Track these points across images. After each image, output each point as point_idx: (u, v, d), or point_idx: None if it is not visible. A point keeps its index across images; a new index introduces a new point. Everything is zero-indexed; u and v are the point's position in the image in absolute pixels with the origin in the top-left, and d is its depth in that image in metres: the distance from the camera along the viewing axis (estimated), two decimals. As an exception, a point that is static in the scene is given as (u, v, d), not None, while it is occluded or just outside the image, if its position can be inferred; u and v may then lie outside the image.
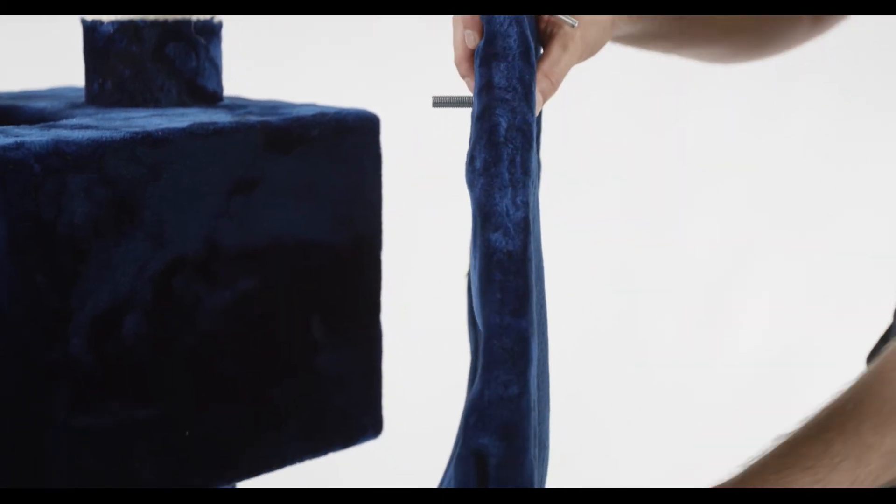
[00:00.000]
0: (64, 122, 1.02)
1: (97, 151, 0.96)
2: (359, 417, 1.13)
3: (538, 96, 0.94)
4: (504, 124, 0.90)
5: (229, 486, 1.08)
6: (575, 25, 0.96)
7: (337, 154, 1.08)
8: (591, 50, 0.98)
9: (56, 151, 0.94)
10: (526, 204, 0.89)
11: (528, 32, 0.93)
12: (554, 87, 0.96)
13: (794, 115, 2.47)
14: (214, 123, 1.02)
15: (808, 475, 0.95)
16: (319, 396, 1.10)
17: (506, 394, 0.85)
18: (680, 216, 2.48)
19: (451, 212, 2.17)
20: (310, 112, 1.08)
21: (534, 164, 0.95)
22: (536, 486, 0.86)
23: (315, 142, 1.07)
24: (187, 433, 1.02)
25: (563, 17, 0.96)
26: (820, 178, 2.50)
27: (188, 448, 1.03)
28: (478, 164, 0.90)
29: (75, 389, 0.96)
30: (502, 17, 0.92)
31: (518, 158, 0.90)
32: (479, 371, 0.87)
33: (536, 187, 0.99)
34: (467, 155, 0.91)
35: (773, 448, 0.97)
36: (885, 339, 1.23)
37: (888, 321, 1.24)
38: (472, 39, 0.94)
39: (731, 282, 2.51)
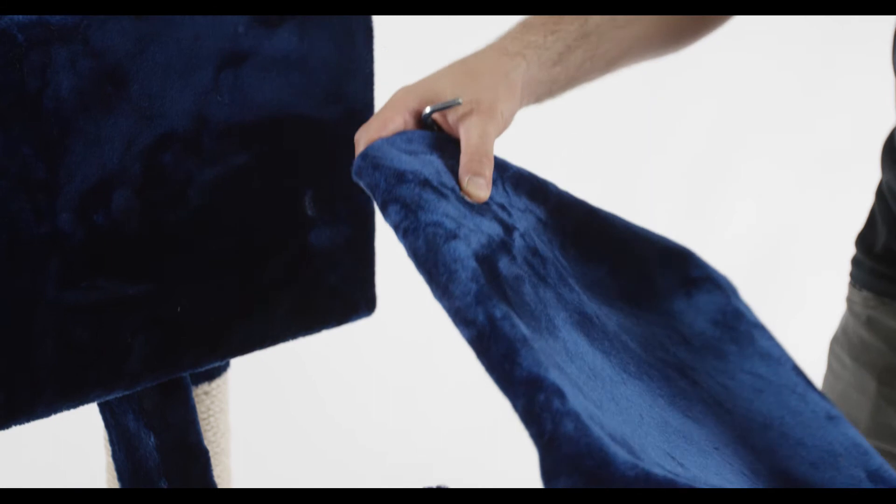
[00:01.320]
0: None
1: (82, 22, 0.93)
2: (352, 295, 1.12)
3: (480, 179, 0.93)
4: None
5: (221, 363, 1.07)
6: (461, 101, 0.96)
7: (328, 27, 1.06)
8: (507, 123, 0.99)
9: (40, 22, 0.92)
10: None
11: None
12: (490, 158, 0.95)
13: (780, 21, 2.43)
14: (202, -6, 0.99)
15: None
16: (312, 273, 1.09)
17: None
18: (668, 127, 2.46)
19: (444, 28, 2.14)
20: (300, -16, 1.06)
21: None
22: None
23: (305, 15, 1.05)
24: (178, 309, 1.02)
25: (445, 103, 0.96)
26: (804, 84, 2.48)
27: (179, 324, 1.02)
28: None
29: (65, 265, 0.95)
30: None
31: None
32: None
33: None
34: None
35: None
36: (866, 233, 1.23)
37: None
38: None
39: (716, 185, 2.50)
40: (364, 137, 0.94)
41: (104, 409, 1.10)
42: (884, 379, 1.20)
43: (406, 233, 0.86)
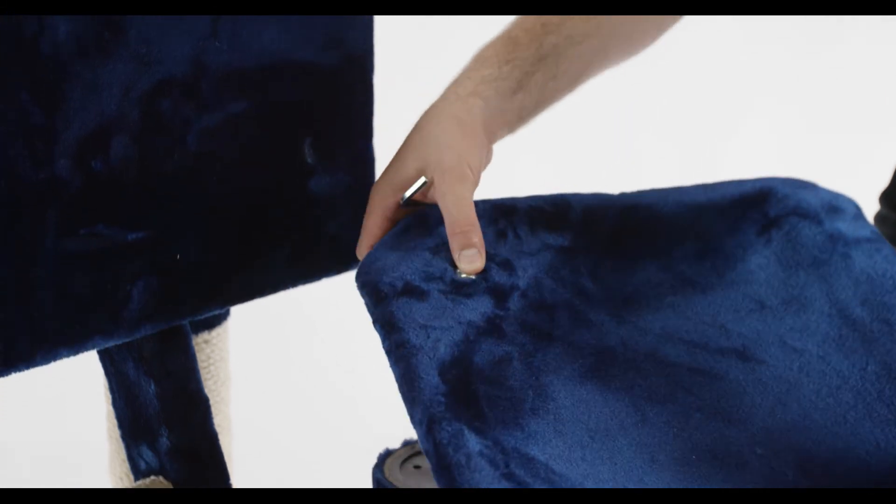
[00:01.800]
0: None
1: (79, -34, 0.92)
2: (352, 242, 1.10)
3: (470, 251, 0.96)
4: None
5: (221, 310, 1.07)
6: (425, 180, 0.98)
7: (327, -28, 1.05)
8: (479, 174, 1.00)
9: (36, -34, 0.91)
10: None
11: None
12: (472, 223, 0.97)
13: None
14: (200, -62, 0.98)
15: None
16: (311, 221, 1.08)
17: None
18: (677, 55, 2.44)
19: (445, 27, 2.13)
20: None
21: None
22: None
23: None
24: (178, 257, 1.01)
25: (412, 190, 0.98)
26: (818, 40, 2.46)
27: (179, 271, 1.02)
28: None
29: (63, 212, 0.94)
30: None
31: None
32: None
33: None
34: None
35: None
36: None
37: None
38: None
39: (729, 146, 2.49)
40: (360, 254, 0.99)
41: (104, 357, 1.10)
42: None
43: (388, 355, 0.91)
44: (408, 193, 0.99)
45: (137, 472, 1.12)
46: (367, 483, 1.02)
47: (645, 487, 0.85)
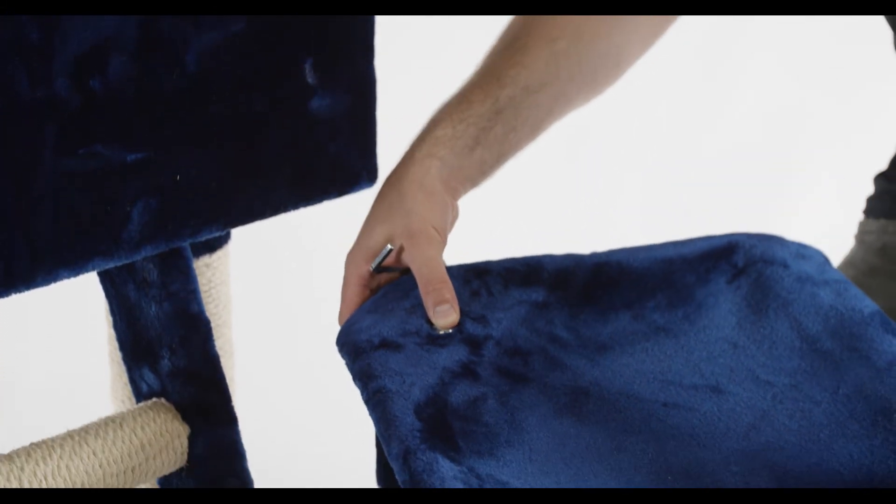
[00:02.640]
0: None
1: None
2: (353, 164, 1.10)
3: (444, 306, 1.00)
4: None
5: (221, 232, 1.06)
6: (391, 248, 1.03)
7: None
8: (445, 234, 1.04)
9: None
10: None
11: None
12: (443, 280, 1.01)
13: None
14: None
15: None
16: (312, 142, 1.07)
17: None
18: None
19: (446, 27, 2.11)
20: None
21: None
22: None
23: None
24: (178, 177, 1.00)
25: (379, 257, 1.03)
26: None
27: (179, 192, 1.01)
28: None
29: (61, 131, 0.93)
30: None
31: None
32: None
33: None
34: None
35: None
36: None
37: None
38: None
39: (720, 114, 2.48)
40: (341, 322, 1.04)
41: (104, 279, 1.10)
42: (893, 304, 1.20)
43: (367, 404, 0.96)
44: (375, 262, 1.04)
45: (139, 395, 1.12)
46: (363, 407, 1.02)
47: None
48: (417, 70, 2.07)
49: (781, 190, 2.46)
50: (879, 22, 1.26)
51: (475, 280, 1.05)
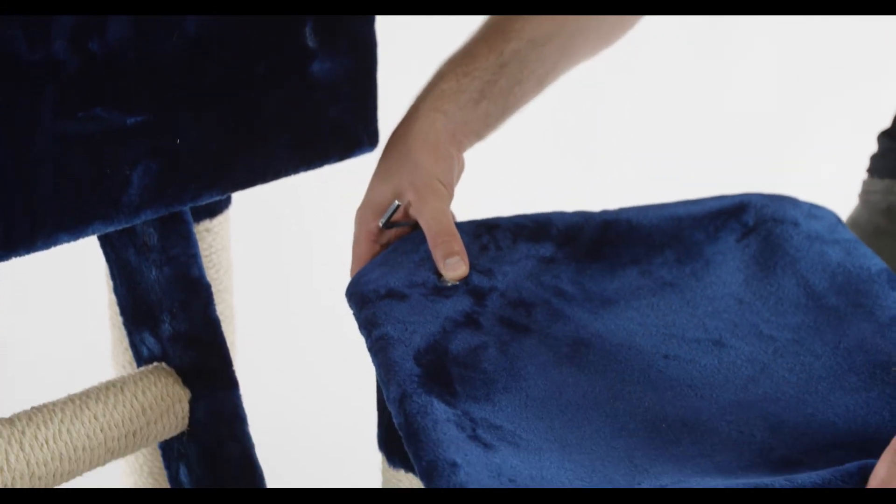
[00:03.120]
0: None
1: None
2: (353, 128, 1.09)
3: (453, 258, 1.00)
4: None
5: (224, 197, 1.05)
6: (398, 203, 1.03)
7: None
8: (451, 186, 1.04)
9: None
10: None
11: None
12: (451, 233, 1.00)
13: None
14: None
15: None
16: (313, 106, 1.06)
17: None
18: None
19: (450, 26, 2.10)
20: None
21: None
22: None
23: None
24: (178, 141, 0.99)
25: (387, 213, 1.04)
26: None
27: (179, 156, 1.00)
28: None
29: (61, 94, 0.93)
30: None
31: None
32: None
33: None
34: None
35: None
36: None
37: None
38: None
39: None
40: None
41: (104, 243, 1.09)
42: None
43: (370, 351, 0.96)
44: (384, 218, 1.04)
45: (140, 359, 1.12)
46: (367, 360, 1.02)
47: (613, 450, 0.88)
48: (418, 33, 2.06)
49: (783, 151, 2.46)
50: None
51: (485, 234, 1.04)
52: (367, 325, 0.97)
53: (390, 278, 1.00)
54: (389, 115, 1.11)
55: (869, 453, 0.84)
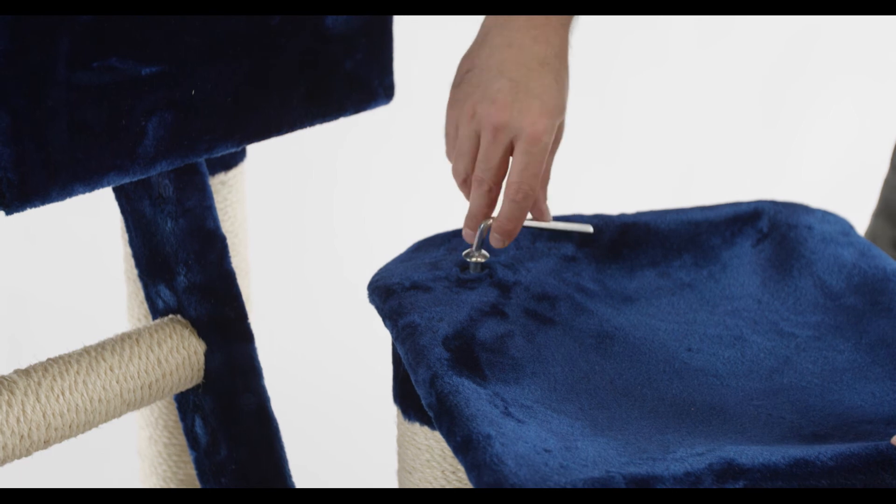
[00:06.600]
0: None
1: None
2: (369, 80, 1.07)
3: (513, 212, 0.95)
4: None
5: (239, 149, 1.03)
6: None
7: None
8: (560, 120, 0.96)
9: None
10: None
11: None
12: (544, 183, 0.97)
13: None
14: None
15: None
16: (328, 58, 1.04)
17: None
18: None
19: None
20: None
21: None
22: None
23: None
24: (193, 92, 0.97)
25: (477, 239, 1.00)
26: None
27: (194, 107, 0.98)
28: None
29: (75, 44, 0.90)
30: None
31: None
32: None
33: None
34: None
35: None
36: None
37: None
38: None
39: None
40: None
41: (120, 195, 1.07)
42: None
43: (396, 341, 0.96)
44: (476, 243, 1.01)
45: (156, 312, 1.10)
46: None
47: (644, 428, 0.89)
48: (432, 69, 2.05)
49: (791, 158, 2.44)
50: None
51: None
52: (393, 315, 0.97)
53: (413, 273, 1.00)
54: (406, 67, 1.08)
55: None
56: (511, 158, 0.95)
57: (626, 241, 1.06)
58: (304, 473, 1.21)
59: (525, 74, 0.94)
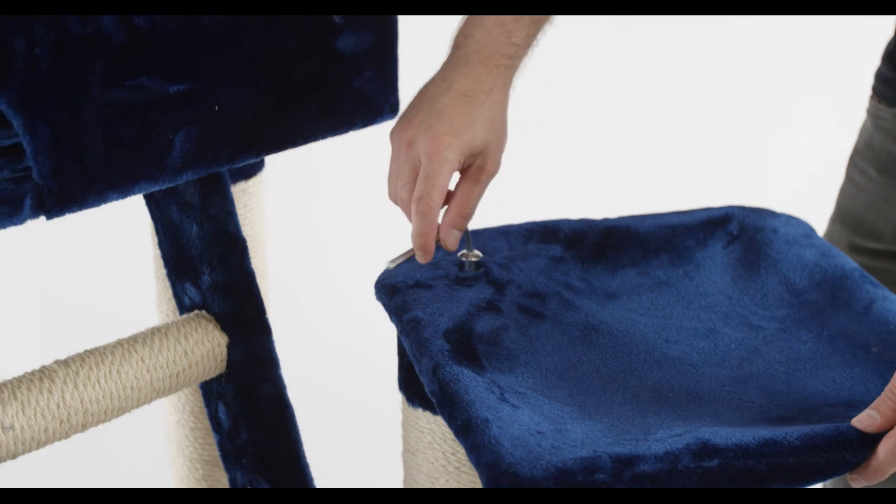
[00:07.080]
0: None
1: None
2: (376, 98, 1.12)
3: (451, 233, 1.00)
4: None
5: (258, 160, 1.07)
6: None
7: None
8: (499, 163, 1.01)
9: None
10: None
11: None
12: (468, 217, 1.00)
13: None
14: None
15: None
16: (338, 77, 1.09)
17: None
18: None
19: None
20: None
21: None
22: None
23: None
24: (216, 108, 1.02)
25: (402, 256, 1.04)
26: None
27: (217, 122, 1.02)
28: None
29: (109, 64, 0.95)
30: None
31: None
32: None
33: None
34: None
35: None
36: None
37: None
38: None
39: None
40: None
41: (150, 202, 1.12)
42: None
43: (401, 334, 1.00)
44: (397, 261, 1.05)
45: (182, 308, 1.14)
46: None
47: (627, 412, 0.92)
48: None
49: (760, 164, 2.45)
50: None
51: (500, 238, 1.11)
52: (398, 311, 1.01)
53: (416, 272, 1.05)
54: (409, 86, 1.13)
55: (857, 410, 0.89)
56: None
57: (609, 243, 1.12)
58: (317, 455, 1.23)
59: (445, 103, 0.99)
